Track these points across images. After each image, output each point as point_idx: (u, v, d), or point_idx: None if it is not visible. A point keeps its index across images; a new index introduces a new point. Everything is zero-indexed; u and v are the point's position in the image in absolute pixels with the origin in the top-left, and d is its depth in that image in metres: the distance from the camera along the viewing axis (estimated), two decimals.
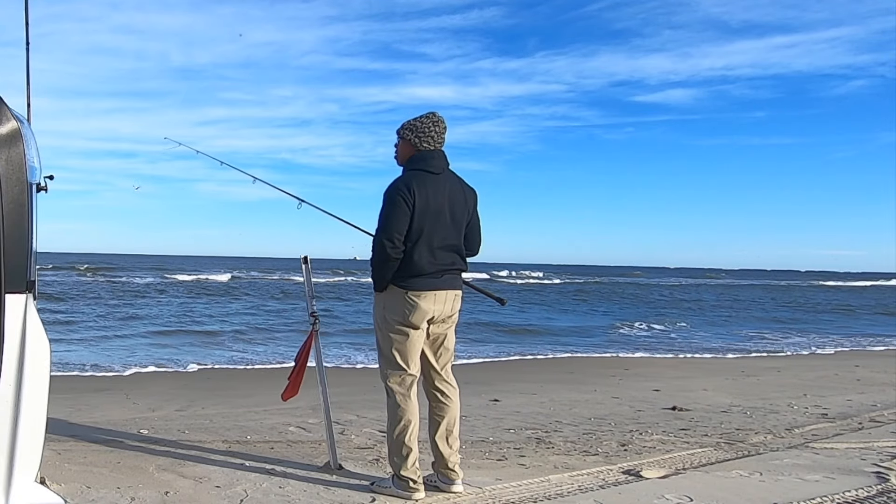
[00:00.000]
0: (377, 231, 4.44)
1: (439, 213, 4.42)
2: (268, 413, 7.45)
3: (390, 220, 4.36)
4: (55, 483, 4.42)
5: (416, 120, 4.56)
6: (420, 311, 4.41)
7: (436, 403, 4.64)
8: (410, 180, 4.41)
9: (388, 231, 4.35)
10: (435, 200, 4.41)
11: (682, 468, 5.30)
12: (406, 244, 4.36)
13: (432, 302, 4.44)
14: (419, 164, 4.50)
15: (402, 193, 4.35)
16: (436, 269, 4.43)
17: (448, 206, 4.47)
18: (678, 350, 17.20)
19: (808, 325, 25.77)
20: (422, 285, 4.40)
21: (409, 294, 4.39)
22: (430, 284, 4.43)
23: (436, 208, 4.41)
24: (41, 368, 3.33)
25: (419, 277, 4.39)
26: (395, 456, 4.47)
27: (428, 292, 4.42)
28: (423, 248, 4.39)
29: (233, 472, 4.89)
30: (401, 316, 4.42)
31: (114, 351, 14.46)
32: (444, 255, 4.47)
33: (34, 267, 3.44)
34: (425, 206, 4.37)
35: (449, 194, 4.48)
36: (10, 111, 3.28)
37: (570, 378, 11.18)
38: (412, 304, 4.40)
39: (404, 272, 4.39)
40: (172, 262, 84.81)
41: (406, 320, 4.41)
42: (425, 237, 4.38)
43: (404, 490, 4.42)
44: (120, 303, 26.98)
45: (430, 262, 4.40)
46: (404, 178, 4.48)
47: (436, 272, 4.43)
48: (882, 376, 11.49)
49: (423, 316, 4.43)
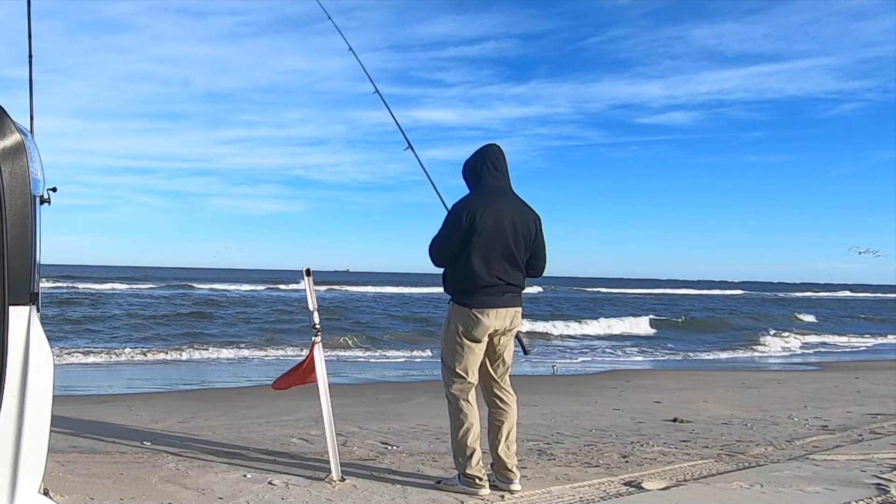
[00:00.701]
0: (432, 241, 4.89)
1: (502, 233, 4.75)
2: (270, 425, 7.46)
3: (443, 236, 4.83)
4: (58, 494, 4.43)
5: (477, 152, 4.97)
6: (482, 327, 4.76)
7: (495, 410, 4.96)
8: (474, 200, 4.81)
9: (438, 246, 4.85)
10: (499, 221, 4.74)
11: (683, 480, 5.31)
12: (472, 262, 4.72)
13: (494, 318, 4.78)
14: (484, 186, 4.89)
15: (464, 213, 4.74)
16: (497, 286, 4.78)
17: (511, 227, 4.78)
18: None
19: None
20: (485, 303, 4.76)
21: (474, 311, 4.75)
22: (492, 302, 4.77)
23: (499, 228, 4.74)
24: (44, 380, 3.35)
25: (482, 295, 4.75)
26: (459, 456, 4.82)
27: (490, 309, 4.77)
28: (485, 265, 4.73)
29: (235, 484, 4.90)
30: (465, 330, 4.78)
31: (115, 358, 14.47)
32: (506, 273, 4.80)
33: (38, 279, 3.46)
34: (488, 225, 4.72)
35: (513, 215, 4.81)
36: (14, 124, 3.30)
37: (572, 390, 11.17)
38: (476, 320, 4.75)
39: (468, 289, 4.77)
40: (186, 274, 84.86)
41: (469, 334, 4.78)
42: (487, 255, 4.74)
43: (471, 486, 4.76)
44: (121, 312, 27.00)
45: (488, 280, 4.74)
46: (468, 198, 4.88)
47: (497, 290, 4.78)
48: (882, 388, 11.47)
49: (484, 331, 4.78)
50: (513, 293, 4.87)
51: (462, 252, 4.74)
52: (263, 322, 24.94)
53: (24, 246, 3.29)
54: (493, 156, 4.92)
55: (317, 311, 5.16)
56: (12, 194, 3.24)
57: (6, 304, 3.25)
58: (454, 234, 4.75)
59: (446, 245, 4.80)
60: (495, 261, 4.75)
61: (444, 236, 4.83)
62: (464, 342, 4.78)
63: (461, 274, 4.77)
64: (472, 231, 4.69)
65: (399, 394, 10.44)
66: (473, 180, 4.94)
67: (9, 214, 3.23)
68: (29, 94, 3.99)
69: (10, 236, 3.23)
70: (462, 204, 4.83)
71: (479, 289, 4.74)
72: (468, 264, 4.72)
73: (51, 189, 3.71)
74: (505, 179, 4.93)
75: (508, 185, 4.94)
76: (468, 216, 4.71)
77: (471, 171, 4.94)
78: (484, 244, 4.71)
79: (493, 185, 4.87)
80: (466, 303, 4.77)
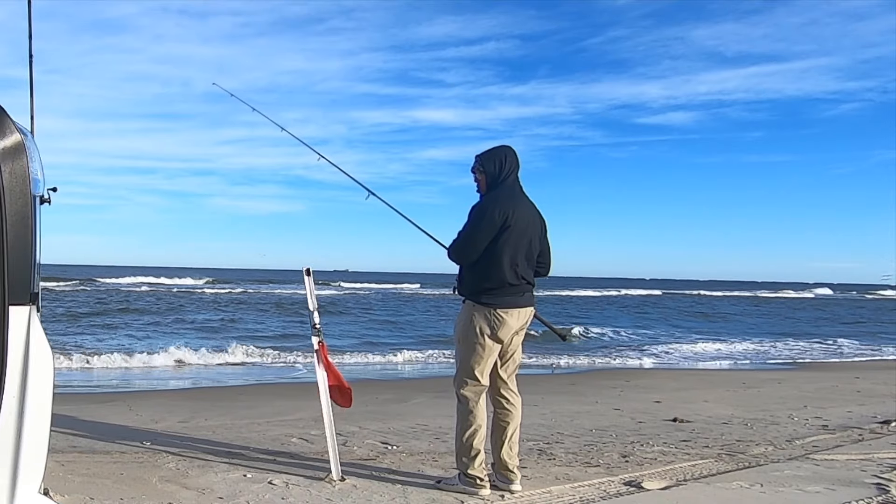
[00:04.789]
0: (458, 239, 4.84)
1: (527, 233, 4.80)
2: (270, 424, 7.45)
3: (473, 233, 4.77)
4: (58, 494, 4.43)
5: (490, 152, 4.94)
6: (507, 327, 4.76)
7: (500, 410, 4.96)
8: (504, 199, 4.78)
9: (466, 243, 4.79)
10: (525, 221, 4.79)
11: (683, 479, 5.31)
12: (499, 260, 4.71)
13: (516, 318, 4.80)
14: (507, 186, 4.87)
15: (496, 211, 4.72)
16: (519, 286, 4.80)
17: (531, 227, 4.84)
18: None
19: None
20: (508, 303, 4.76)
21: (498, 311, 4.74)
22: (515, 302, 4.79)
23: (526, 228, 4.79)
24: (44, 380, 3.35)
25: (506, 295, 4.75)
26: (463, 456, 4.81)
27: (513, 309, 4.78)
28: (511, 264, 4.74)
29: (235, 484, 4.91)
30: (491, 331, 4.75)
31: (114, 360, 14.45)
32: (526, 272, 4.83)
33: (38, 279, 3.45)
34: (519, 224, 4.75)
35: (530, 216, 4.85)
36: (14, 124, 3.30)
37: (572, 389, 11.17)
38: (500, 321, 4.74)
39: (492, 288, 4.75)
40: (183, 273, 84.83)
41: (494, 335, 4.76)
42: (514, 255, 4.75)
43: (471, 486, 4.78)
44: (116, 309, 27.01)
45: (513, 279, 4.75)
46: (497, 196, 4.82)
47: (519, 289, 4.80)
48: (882, 388, 11.47)
49: (508, 331, 4.79)
50: (530, 293, 4.92)
51: (488, 250, 4.71)
52: (259, 322, 24.95)
53: (24, 246, 3.29)
54: (516, 159, 4.93)
55: (317, 310, 5.16)
56: (12, 194, 3.24)
57: (6, 304, 3.24)
58: (487, 231, 4.69)
59: (476, 243, 4.72)
60: (520, 260, 4.77)
61: (474, 234, 4.74)
62: (486, 343, 4.75)
63: (486, 273, 4.73)
64: (503, 229, 4.69)
65: (399, 394, 10.44)
66: (498, 178, 4.86)
67: (9, 214, 3.22)
68: (29, 95, 3.98)
69: (10, 236, 3.22)
70: (493, 202, 4.77)
71: (505, 287, 4.73)
72: (495, 263, 4.70)
73: (51, 189, 3.70)
74: (518, 182, 4.96)
75: (521, 187, 4.97)
76: (501, 214, 4.69)
77: (498, 169, 4.86)
78: (512, 243, 4.72)
79: (514, 186, 4.89)
80: (490, 303, 4.74)
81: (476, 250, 4.73)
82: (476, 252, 4.74)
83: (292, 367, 14.58)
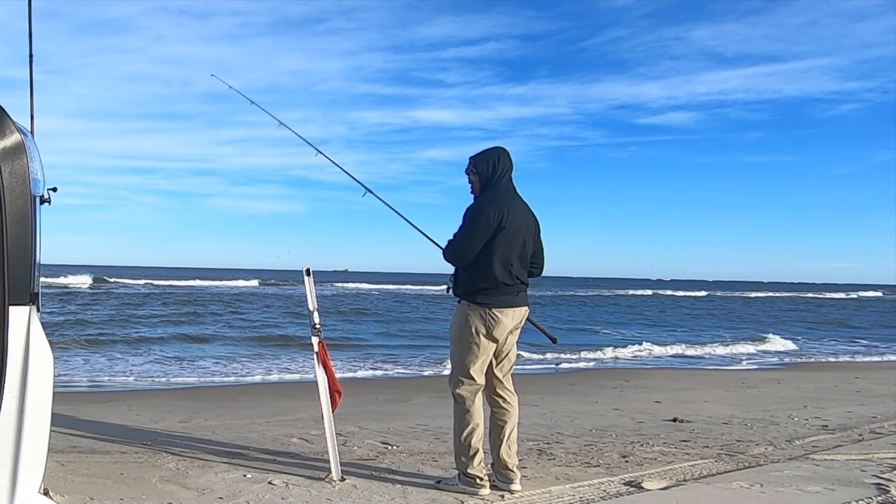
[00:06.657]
0: (454, 240, 4.85)
1: (521, 234, 4.82)
2: (270, 424, 7.46)
3: (469, 234, 4.77)
4: (58, 494, 4.44)
5: (484, 153, 4.94)
6: (502, 326, 4.79)
7: (497, 409, 4.98)
8: (500, 200, 4.81)
9: (462, 244, 4.80)
10: (520, 221, 4.82)
11: (683, 479, 5.31)
12: (494, 261, 4.73)
13: (511, 317, 4.83)
14: (501, 187, 4.89)
15: (492, 212, 4.74)
16: (513, 285, 4.82)
17: (526, 228, 4.87)
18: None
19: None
20: (503, 302, 4.79)
21: (493, 310, 4.77)
22: (510, 301, 4.82)
23: (520, 228, 4.82)
24: (44, 379, 3.35)
25: (501, 295, 4.78)
26: (462, 456, 4.83)
27: (508, 309, 4.81)
28: (505, 265, 4.76)
29: (235, 484, 4.91)
30: (486, 330, 4.78)
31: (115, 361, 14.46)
32: (521, 272, 4.86)
33: (38, 279, 3.46)
34: (514, 225, 4.78)
35: (524, 217, 4.88)
36: (14, 124, 3.30)
37: (572, 389, 11.17)
38: (496, 320, 4.77)
39: (487, 288, 4.77)
40: (185, 273, 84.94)
41: (490, 334, 4.79)
42: (508, 255, 4.77)
43: (471, 486, 4.79)
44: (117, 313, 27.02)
45: (507, 279, 4.77)
46: (491, 197, 4.84)
47: (513, 289, 4.82)
48: (882, 388, 11.47)
49: (503, 330, 4.81)
50: (524, 292, 4.95)
51: (483, 251, 4.74)
52: (260, 322, 24.95)
53: (24, 246, 3.29)
54: (510, 160, 4.95)
55: (317, 310, 5.16)
56: (12, 194, 3.24)
57: (6, 304, 3.24)
58: (483, 232, 4.72)
59: (472, 244, 4.74)
60: (514, 260, 4.79)
61: (470, 235, 4.76)
62: (482, 342, 4.78)
63: (481, 273, 4.76)
64: (499, 230, 4.72)
65: (399, 394, 10.44)
66: (492, 179, 4.88)
67: (9, 214, 3.22)
68: (29, 95, 3.98)
69: (10, 236, 3.22)
70: (488, 203, 4.79)
71: (499, 287, 4.76)
72: (490, 263, 4.73)
73: (51, 189, 3.71)
74: (512, 183, 4.98)
75: (515, 188, 4.99)
76: (496, 215, 4.72)
77: (492, 170, 4.88)
78: (507, 244, 4.75)
79: (508, 187, 4.92)
80: (485, 302, 4.77)
81: (472, 251, 4.76)
82: (472, 253, 4.76)
83: (292, 367, 14.53)
